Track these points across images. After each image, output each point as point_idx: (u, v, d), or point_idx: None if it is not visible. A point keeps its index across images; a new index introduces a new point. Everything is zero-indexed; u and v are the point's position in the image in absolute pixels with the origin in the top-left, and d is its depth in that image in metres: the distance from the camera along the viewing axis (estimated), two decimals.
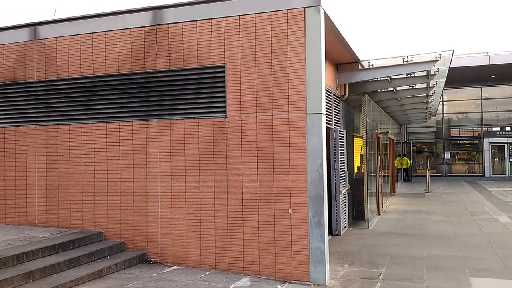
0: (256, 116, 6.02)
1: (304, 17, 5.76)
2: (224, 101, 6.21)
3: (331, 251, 7.78)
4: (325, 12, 5.90)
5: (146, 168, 6.68)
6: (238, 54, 6.14)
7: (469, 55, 25.11)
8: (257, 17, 6.02)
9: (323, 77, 5.77)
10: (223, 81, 6.22)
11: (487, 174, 27.47)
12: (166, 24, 6.58)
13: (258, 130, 6.02)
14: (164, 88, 6.64)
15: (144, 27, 6.72)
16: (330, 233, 9.42)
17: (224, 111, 6.21)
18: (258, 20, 6.02)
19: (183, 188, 6.41)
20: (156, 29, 6.64)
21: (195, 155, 6.35)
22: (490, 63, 24.48)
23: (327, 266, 5.80)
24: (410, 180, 24.88)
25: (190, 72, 6.46)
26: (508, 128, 28.91)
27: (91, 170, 7.08)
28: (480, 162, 28.74)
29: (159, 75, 6.65)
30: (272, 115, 5.95)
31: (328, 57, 9.11)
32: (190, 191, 6.37)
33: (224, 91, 6.21)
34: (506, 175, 27.17)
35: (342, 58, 9.65)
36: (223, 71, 6.21)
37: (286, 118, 5.88)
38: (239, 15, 6.12)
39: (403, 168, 24.32)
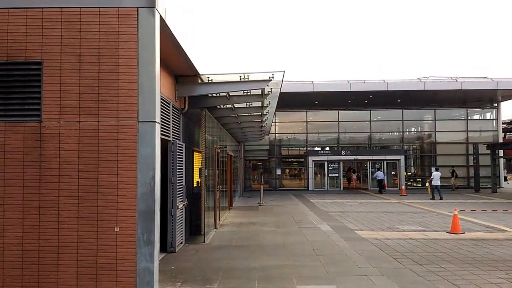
0: (79, 122, 5.31)
1: (137, 18, 5.35)
2: (39, 103, 5.32)
3: (164, 270, 7.37)
4: (160, 16, 5.60)
5: None
6: (59, 50, 5.36)
7: (298, 82, 27.87)
8: (83, 12, 5.37)
9: (157, 83, 5.42)
10: (39, 80, 5.33)
11: (310, 188, 30.56)
12: None
13: (81, 138, 5.30)
14: None
15: None
16: (165, 250, 8.99)
17: (39, 115, 5.31)
18: (85, 15, 5.37)
19: None
20: None
21: None
22: (314, 90, 27.58)
23: (156, 287, 5.36)
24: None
25: None
26: (327, 148, 32.82)
27: None
28: (305, 177, 31.85)
29: None
30: (98, 121, 5.32)
31: (167, 68, 8.83)
32: None
33: (39, 92, 5.33)
34: (326, 188, 30.65)
35: (182, 70, 9.48)
36: (39, 69, 5.33)
37: (115, 125, 5.32)
38: (61, 7, 5.37)
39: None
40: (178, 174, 9.44)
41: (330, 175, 31.01)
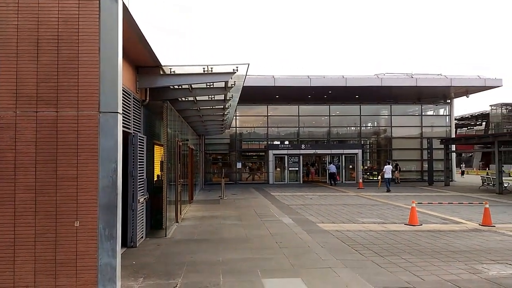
0: (37, 112, 5.03)
1: (99, 4, 5.12)
2: None
3: (125, 265, 7.17)
4: (123, 3, 5.39)
5: None
6: (15, 36, 5.04)
7: (258, 76, 27.89)
8: None
9: (120, 72, 5.22)
10: None
11: (271, 181, 30.80)
12: None
13: (38, 129, 5.03)
14: None
15: None
16: (125, 245, 8.76)
17: None
18: None
19: None
20: None
21: None
22: (275, 85, 27.73)
23: (119, 283, 5.20)
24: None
25: None
26: (287, 142, 33.16)
27: None
28: (266, 171, 32.05)
29: None
30: (57, 112, 5.06)
31: (128, 57, 8.55)
32: None
33: None
34: (286, 182, 31.00)
35: (143, 61, 9.22)
36: None
37: (75, 115, 5.08)
38: None
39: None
40: (139, 168, 9.20)
41: (290, 169, 31.37)
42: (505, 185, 23.75)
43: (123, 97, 8.09)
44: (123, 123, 8.04)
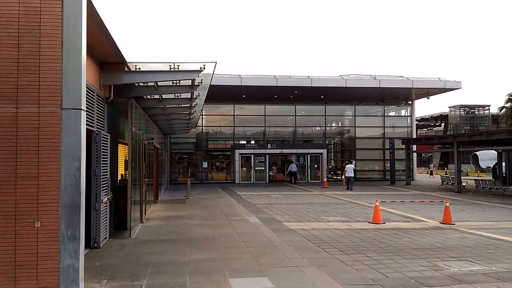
0: None
1: None
2: None
3: (88, 266, 6.97)
4: None
5: None
6: None
7: (225, 75, 27.78)
8: None
9: (83, 68, 5.06)
10: None
11: (237, 181, 30.76)
12: None
13: None
14: None
15: None
16: (88, 246, 8.51)
17: None
18: None
19: None
20: None
21: None
22: (242, 84, 27.72)
23: (82, 285, 5.04)
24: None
25: None
26: (253, 142, 33.23)
27: None
28: (232, 170, 31.98)
29: None
30: (17, 108, 4.85)
31: (92, 53, 8.31)
32: None
33: None
34: (252, 181, 31.04)
35: (108, 57, 8.98)
36: None
37: (36, 112, 4.88)
38: None
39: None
40: (103, 167, 8.96)
41: (256, 168, 31.44)
42: (464, 184, 24.76)
43: (86, 93, 7.84)
44: (86, 120, 7.80)
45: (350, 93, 31.18)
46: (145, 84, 10.88)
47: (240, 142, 33.00)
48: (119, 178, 12.04)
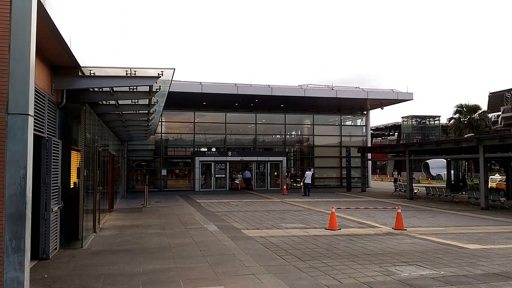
0: None
1: None
2: None
3: (35, 279, 6.66)
4: None
5: None
6: None
7: (186, 82, 27.55)
8: None
9: (32, 71, 4.85)
10: None
11: (197, 188, 30.45)
12: None
13: None
14: None
15: None
16: (37, 257, 8.14)
17: None
18: None
19: None
20: None
21: None
22: (203, 91, 27.58)
23: None
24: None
25: None
26: (214, 149, 33.07)
27: None
28: (192, 178, 31.62)
29: None
30: None
31: (43, 56, 8.01)
32: None
33: None
34: (212, 189, 30.82)
35: (60, 61, 8.68)
36: None
37: None
38: None
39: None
40: (53, 174, 8.61)
41: (216, 176, 31.27)
42: (415, 191, 25.72)
43: (36, 98, 7.55)
44: (36, 126, 7.50)
45: (309, 102, 31.77)
46: (100, 90, 10.60)
47: (201, 150, 32.74)
48: (72, 186, 11.61)
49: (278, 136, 35.56)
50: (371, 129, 42.62)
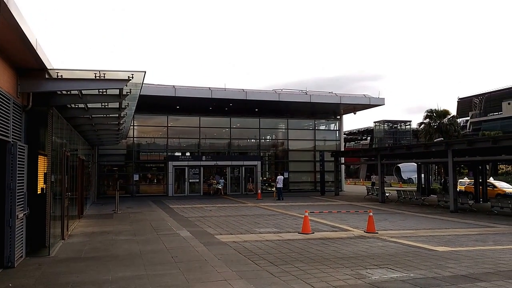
0: None
1: None
2: None
3: None
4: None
5: None
6: None
7: (159, 85, 27.25)
8: None
9: None
10: None
11: (170, 193, 30.05)
12: None
13: None
14: None
15: None
16: (1, 265, 7.85)
17: None
18: None
19: None
20: None
21: None
22: (176, 95, 27.32)
23: None
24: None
25: None
26: (188, 153, 32.77)
27: None
28: (165, 183, 31.20)
29: None
30: None
31: (7, 58, 7.75)
32: None
33: None
34: (186, 194, 30.48)
35: (26, 63, 8.40)
36: None
37: None
38: None
39: None
40: (19, 180, 8.31)
41: (190, 181, 30.97)
42: (387, 194, 26.17)
43: (0, 101, 7.27)
44: (0, 130, 7.22)
45: (283, 106, 31.96)
46: (68, 93, 10.32)
47: (175, 154, 32.38)
48: (39, 192, 11.23)
49: (253, 140, 35.57)
50: (345, 134, 43.33)
